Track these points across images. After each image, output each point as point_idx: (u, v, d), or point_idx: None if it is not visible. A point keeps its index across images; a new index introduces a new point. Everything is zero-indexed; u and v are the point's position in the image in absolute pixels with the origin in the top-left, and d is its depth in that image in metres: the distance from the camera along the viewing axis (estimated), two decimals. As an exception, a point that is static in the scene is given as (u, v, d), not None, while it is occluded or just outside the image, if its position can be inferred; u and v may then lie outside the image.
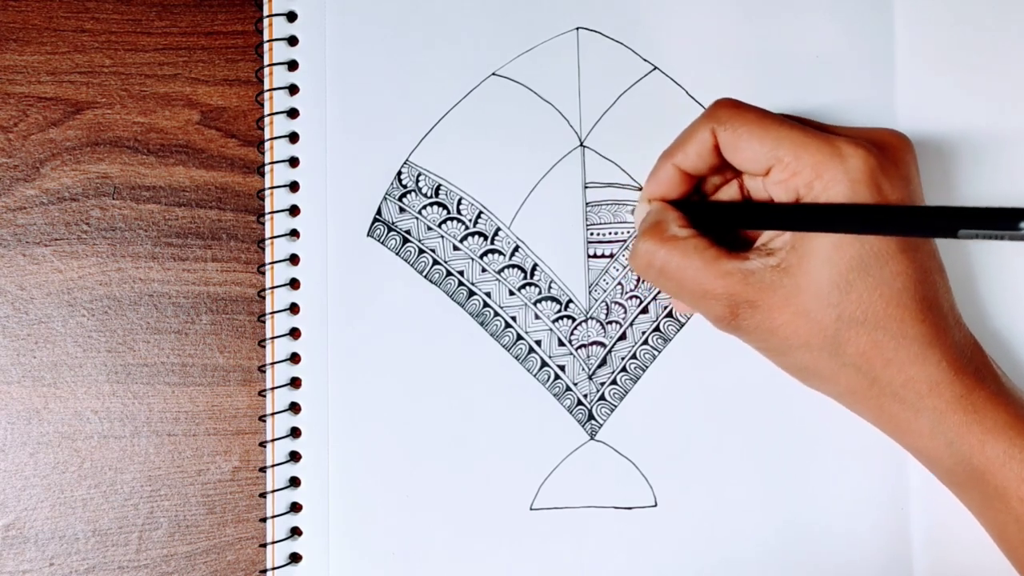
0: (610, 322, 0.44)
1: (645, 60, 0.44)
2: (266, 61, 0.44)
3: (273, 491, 0.43)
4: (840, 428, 0.42)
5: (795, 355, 0.39)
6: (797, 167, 0.37)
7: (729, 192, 0.41)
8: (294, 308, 0.44)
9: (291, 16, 0.45)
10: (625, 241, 0.44)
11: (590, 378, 0.44)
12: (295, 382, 0.44)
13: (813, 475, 0.43)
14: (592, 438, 0.44)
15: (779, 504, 0.43)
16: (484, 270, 0.44)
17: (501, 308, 0.44)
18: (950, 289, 0.39)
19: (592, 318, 0.44)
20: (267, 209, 0.44)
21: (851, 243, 0.36)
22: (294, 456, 0.44)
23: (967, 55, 0.44)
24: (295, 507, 0.43)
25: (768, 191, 0.38)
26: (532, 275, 0.44)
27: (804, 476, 0.43)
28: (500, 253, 0.44)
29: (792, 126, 0.38)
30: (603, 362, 0.44)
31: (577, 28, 0.44)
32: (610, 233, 0.44)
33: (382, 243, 0.44)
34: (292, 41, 0.45)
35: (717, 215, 0.40)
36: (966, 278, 0.44)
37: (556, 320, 0.44)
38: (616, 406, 0.44)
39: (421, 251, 0.44)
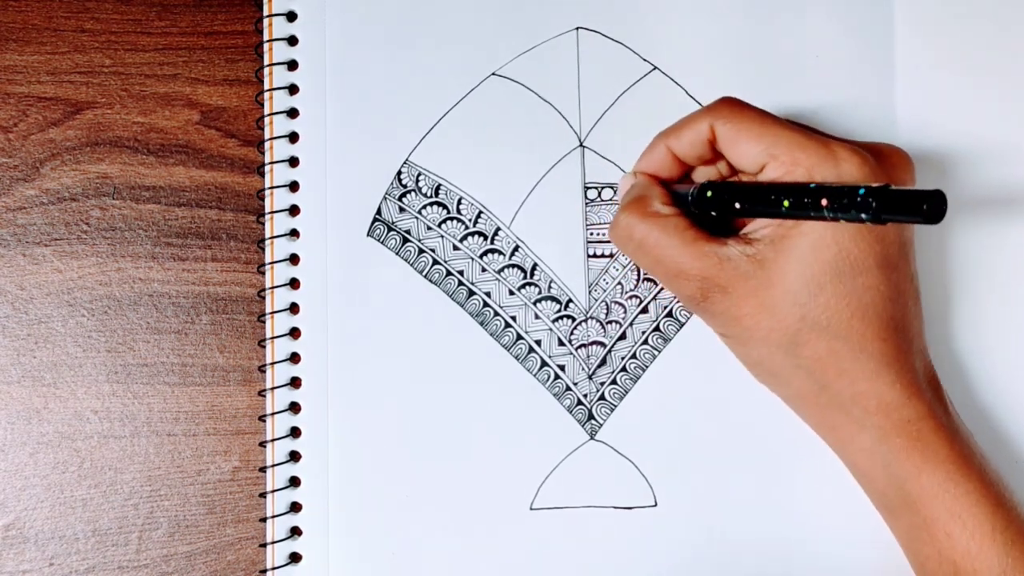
0: (610, 322, 0.44)
1: (645, 60, 0.44)
2: (266, 61, 0.44)
3: (273, 491, 0.43)
4: (840, 428, 0.42)
5: (753, 348, 0.39)
6: (791, 166, 0.37)
7: None
8: (294, 308, 0.44)
9: (291, 16, 0.45)
10: (625, 241, 0.44)
11: (590, 378, 0.44)
12: (295, 382, 0.44)
13: (813, 474, 0.43)
14: (592, 438, 0.44)
15: (779, 503, 0.43)
16: (484, 270, 0.44)
17: (501, 308, 0.44)
18: (921, 316, 0.39)
19: (592, 318, 0.44)
20: (267, 209, 0.44)
21: (829, 247, 0.36)
22: (294, 456, 0.44)
23: (967, 54, 0.44)
24: (295, 507, 0.43)
25: None
26: (532, 275, 0.44)
27: (804, 475, 0.43)
28: (500, 253, 0.44)
29: (790, 127, 0.38)
30: (603, 362, 0.44)
31: (577, 28, 0.44)
32: (610, 233, 0.44)
33: (382, 243, 0.44)
34: (292, 41, 0.45)
35: (687, 197, 0.40)
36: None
37: (556, 320, 0.44)
38: (616, 406, 0.44)
39: (421, 251, 0.44)
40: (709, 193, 0.38)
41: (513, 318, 0.44)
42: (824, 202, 0.33)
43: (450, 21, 0.44)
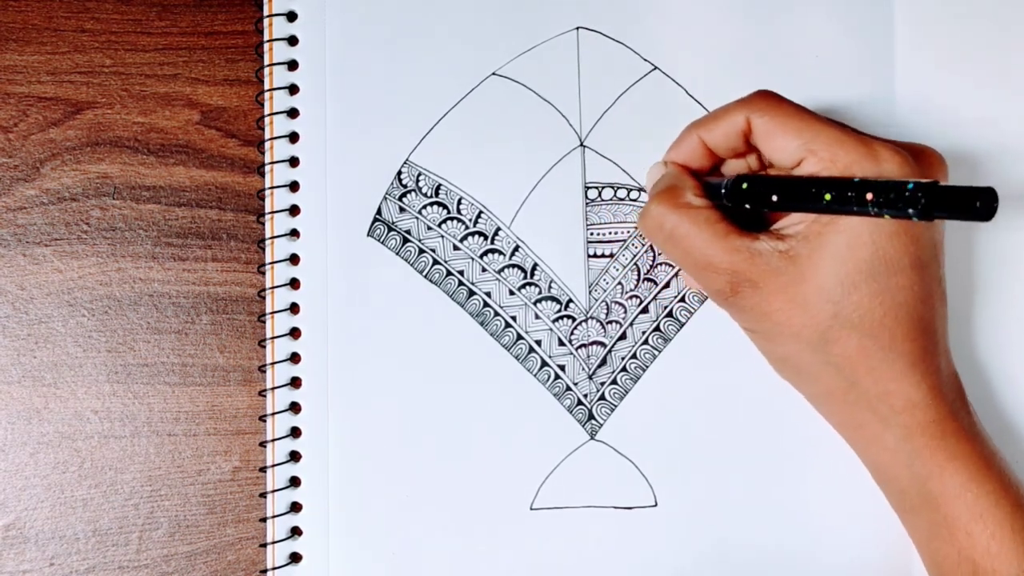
0: (610, 322, 0.44)
1: (645, 60, 0.44)
2: (266, 61, 0.44)
3: (273, 491, 0.43)
4: (840, 428, 0.42)
5: (782, 344, 0.39)
6: (829, 162, 0.37)
7: None
8: (294, 308, 0.44)
9: (291, 16, 0.45)
10: (625, 241, 0.44)
11: (590, 378, 0.44)
12: (295, 382, 0.44)
13: (813, 475, 0.43)
14: (592, 438, 0.44)
15: (779, 504, 0.43)
16: (484, 270, 0.44)
17: (501, 308, 0.44)
18: (946, 318, 0.39)
19: (592, 318, 0.44)
20: (267, 209, 0.44)
21: (865, 246, 0.36)
22: (294, 456, 0.44)
23: (967, 54, 0.44)
24: (295, 507, 0.43)
25: None
26: (532, 275, 0.44)
27: (804, 476, 0.43)
28: (500, 253, 0.44)
29: (829, 123, 0.38)
30: (603, 362, 0.44)
31: (577, 28, 0.44)
32: (610, 233, 0.44)
33: (382, 243, 0.44)
34: (292, 41, 0.45)
35: (719, 190, 0.40)
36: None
37: (556, 320, 0.44)
38: (616, 406, 0.44)
39: (421, 251, 0.44)
40: (745, 185, 0.37)
41: (513, 318, 0.44)
42: (869, 196, 0.32)
43: (450, 21, 0.44)
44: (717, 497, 0.43)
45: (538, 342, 0.44)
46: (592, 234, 0.44)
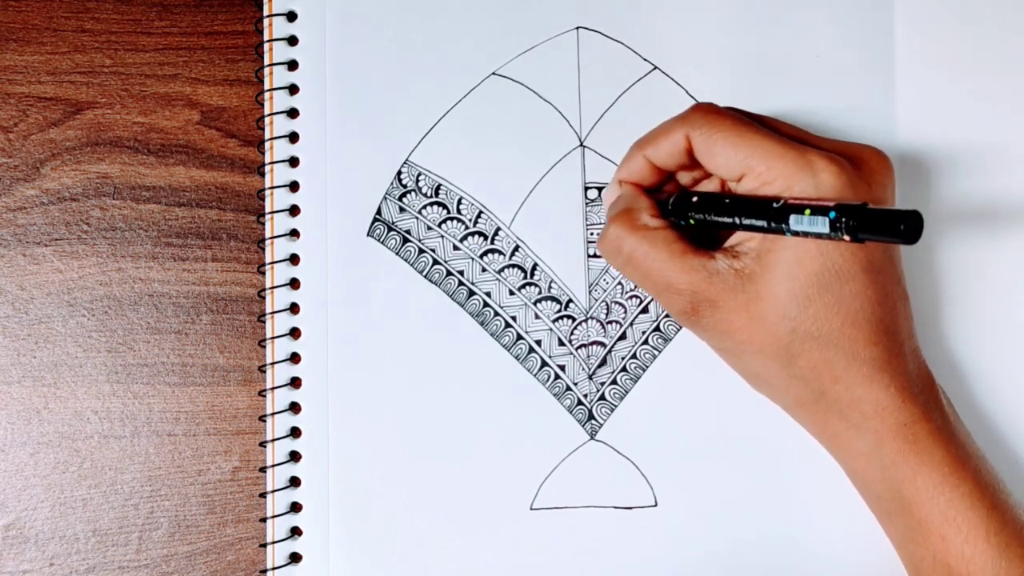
0: (610, 322, 0.44)
1: (645, 60, 0.44)
2: (266, 61, 0.45)
3: (273, 491, 0.43)
4: (840, 428, 0.42)
5: (748, 360, 0.39)
6: (768, 177, 0.37)
7: (710, 187, 0.41)
8: (294, 308, 0.44)
9: (291, 16, 0.45)
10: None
11: (590, 378, 0.44)
12: (295, 382, 0.44)
13: (813, 475, 0.43)
14: (592, 438, 0.44)
15: (778, 504, 0.43)
16: (484, 270, 0.44)
17: (501, 308, 0.44)
18: (911, 317, 0.39)
19: (592, 318, 0.44)
20: (267, 209, 0.44)
21: (813, 259, 0.36)
22: (294, 456, 0.44)
23: (967, 56, 0.44)
24: (295, 507, 0.43)
25: None
26: (532, 275, 0.44)
27: (804, 476, 0.43)
28: (500, 253, 0.44)
29: (767, 135, 0.37)
30: (603, 362, 0.44)
31: (577, 28, 0.44)
32: (610, 233, 0.44)
33: (382, 243, 0.44)
34: (292, 41, 0.45)
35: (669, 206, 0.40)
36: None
37: (556, 320, 0.44)
38: (616, 406, 0.44)
39: (421, 251, 0.44)
40: (695, 198, 0.38)
41: (513, 318, 0.44)
42: (799, 228, 0.33)
43: (450, 21, 0.44)
44: (717, 497, 0.43)
45: (538, 342, 0.44)
46: (592, 234, 0.44)
